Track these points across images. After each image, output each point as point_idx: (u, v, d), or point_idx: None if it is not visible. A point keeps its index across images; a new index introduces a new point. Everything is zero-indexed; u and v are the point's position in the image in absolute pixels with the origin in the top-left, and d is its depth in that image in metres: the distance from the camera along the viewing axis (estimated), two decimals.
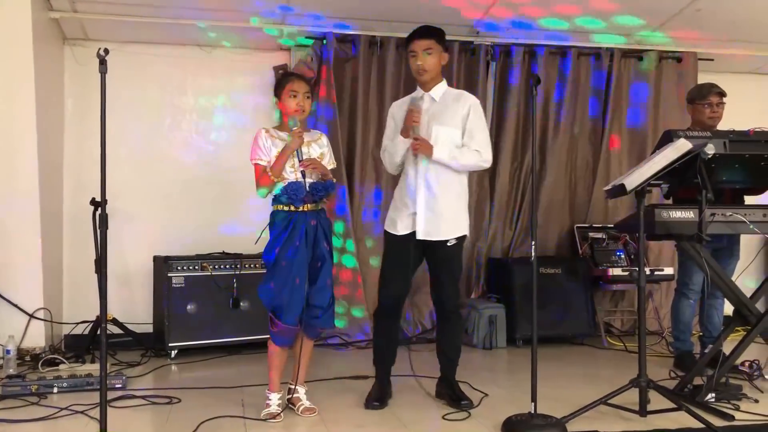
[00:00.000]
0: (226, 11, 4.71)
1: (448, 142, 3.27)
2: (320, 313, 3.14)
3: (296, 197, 3.06)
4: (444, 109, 3.33)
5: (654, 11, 4.91)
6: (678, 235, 3.38)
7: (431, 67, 3.28)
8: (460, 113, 3.31)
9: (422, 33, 3.30)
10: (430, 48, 3.27)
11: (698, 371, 3.53)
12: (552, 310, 4.99)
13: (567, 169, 5.61)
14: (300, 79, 3.20)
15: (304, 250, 3.07)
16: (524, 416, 2.91)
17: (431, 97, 3.34)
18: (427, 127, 3.29)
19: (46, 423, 3.07)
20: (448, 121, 3.30)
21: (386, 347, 3.45)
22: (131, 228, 4.99)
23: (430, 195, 3.27)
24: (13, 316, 4.34)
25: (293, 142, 3.06)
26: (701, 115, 4.11)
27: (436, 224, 3.27)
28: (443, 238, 3.29)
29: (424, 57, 3.26)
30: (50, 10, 4.66)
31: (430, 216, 3.27)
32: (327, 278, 3.16)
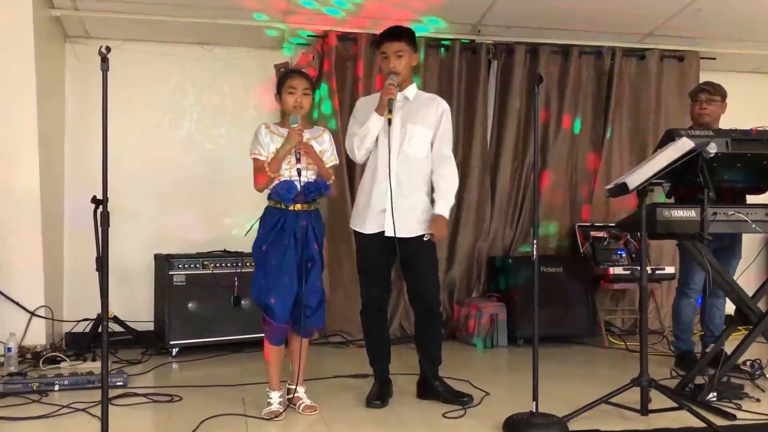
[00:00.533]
0: (227, 9, 4.71)
1: (421, 141, 3.29)
2: (310, 312, 3.13)
3: (287, 196, 3.05)
4: (418, 108, 3.34)
5: (655, 10, 4.91)
6: (680, 234, 3.37)
7: (403, 69, 3.28)
8: (434, 115, 3.34)
9: (393, 35, 3.31)
10: (401, 50, 3.28)
11: (700, 370, 3.53)
12: (553, 309, 4.99)
13: (568, 168, 5.61)
14: (299, 76, 3.20)
15: (293, 250, 3.07)
16: (525, 415, 2.90)
17: (404, 96, 3.35)
18: (401, 125, 3.29)
19: (47, 421, 3.07)
20: (422, 120, 3.31)
21: (377, 346, 3.44)
22: (132, 226, 4.99)
23: (401, 192, 3.26)
24: (14, 314, 4.34)
25: (291, 140, 3.06)
26: (692, 112, 4.16)
27: (408, 221, 3.26)
28: (417, 234, 3.27)
29: (396, 60, 3.27)
30: (51, 8, 4.66)
31: (400, 213, 3.23)
32: (317, 279, 3.15)
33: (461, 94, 5.37)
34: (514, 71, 5.43)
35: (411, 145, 3.29)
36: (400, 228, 3.23)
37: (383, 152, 3.28)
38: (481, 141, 5.41)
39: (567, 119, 5.54)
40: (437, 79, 5.34)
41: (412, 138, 3.28)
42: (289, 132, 3.08)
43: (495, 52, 5.45)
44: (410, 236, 3.27)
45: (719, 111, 4.13)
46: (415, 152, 3.30)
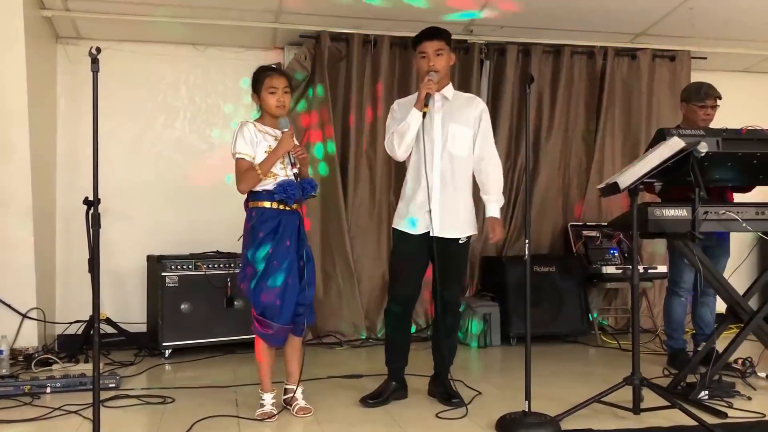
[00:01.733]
0: (219, 9, 4.70)
1: (462, 141, 3.31)
2: (305, 309, 3.14)
3: (293, 196, 3.05)
4: (458, 108, 3.35)
5: (647, 10, 4.92)
6: (671, 234, 3.39)
7: (442, 68, 3.29)
8: (473, 114, 3.35)
9: (432, 34, 3.32)
10: (440, 49, 3.29)
11: (691, 369, 3.55)
12: (546, 308, 5.01)
13: (560, 168, 5.62)
14: (279, 75, 3.15)
15: (294, 250, 3.08)
16: (518, 415, 2.91)
17: (443, 96, 3.36)
18: (441, 125, 3.31)
19: (39, 423, 3.06)
20: (462, 120, 3.33)
21: (397, 346, 3.45)
22: (124, 227, 4.98)
23: (447, 192, 3.29)
24: (5, 316, 4.32)
25: (287, 143, 3.05)
26: (694, 116, 4.11)
27: (451, 221, 3.29)
28: (457, 236, 3.30)
29: (435, 58, 3.28)
30: (42, 8, 4.64)
31: (446, 213, 3.28)
32: (311, 276, 3.18)
33: None
34: (507, 71, 5.44)
35: (454, 145, 3.30)
36: (444, 229, 3.27)
37: (428, 151, 3.28)
38: None
39: (559, 119, 5.55)
40: None
41: (454, 137, 3.30)
42: (283, 136, 3.07)
43: (487, 52, 5.46)
44: (452, 237, 3.30)
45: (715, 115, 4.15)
46: (458, 152, 3.31)
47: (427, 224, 3.27)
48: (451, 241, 3.31)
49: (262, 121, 3.18)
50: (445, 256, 3.33)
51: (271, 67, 3.18)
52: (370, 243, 5.22)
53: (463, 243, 3.35)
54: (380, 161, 5.21)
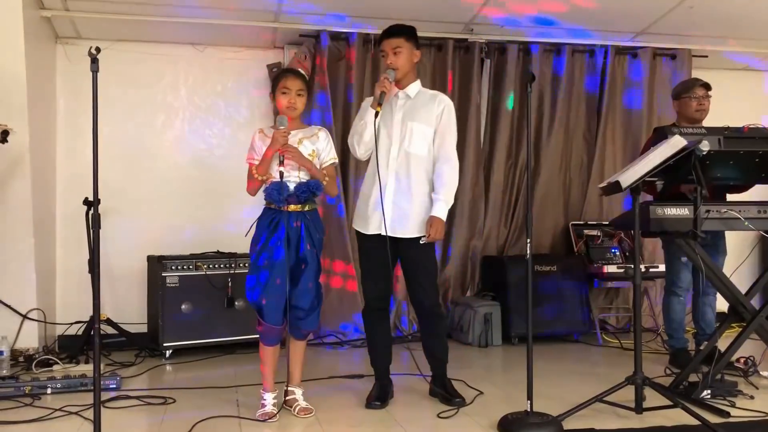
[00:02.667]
0: (219, 9, 4.69)
1: (421, 139, 3.28)
2: (303, 314, 3.11)
3: (278, 198, 3.03)
4: (419, 106, 3.33)
5: (646, 9, 4.91)
6: (673, 232, 3.38)
7: (401, 66, 3.28)
8: (435, 112, 3.32)
9: (391, 32, 3.32)
10: (399, 47, 3.28)
11: (693, 368, 3.54)
12: (547, 307, 5.00)
13: (561, 167, 5.61)
14: (294, 76, 3.18)
15: (284, 251, 3.05)
16: (520, 414, 2.91)
17: (406, 94, 3.35)
18: (401, 123, 3.30)
19: (39, 424, 3.05)
20: (422, 119, 3.30)
21: (378, 346, 3.44)
22: (125, 227, 4.97)
23: (400, 191, 3.26)
24: (6, 317, 4.31)
25: (275, 142, 3.04)
26: (688, 109, 4.11)
27: (404, 221, 3.26)
28: (413, 236, 3.26)
29: (393, 56, 3.27)
30: (42, 8, 4.63)
31: (399, 212, 3.25)
32: (309, 281, 3.11)
33: (454, 93, 5.37)
34: (507, 70, 5.43)
35: (411, 143, 3.27)
36: (397, 228, 3.24)
37: (383, 151, 3.28)
38: (475, 140, 5.41)
39: (560, 118, 5.54)
40: (430, 78, 5.33)
41: (412, 136, 3.27)
42: (273, 134, 3.06)
43: (488, 50, 5.45)
44: (408, 237, 3.27)
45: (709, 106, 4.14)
46: (416, 150, 3.28)
47: (380, 224, 3.24)
48: (409, 242, 3.27)
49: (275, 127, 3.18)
50: (409, 258, 3.30)
51: (290, 69, 3.19)
52: None
53: (426, 243, 3.28)
54: None
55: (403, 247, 3.28)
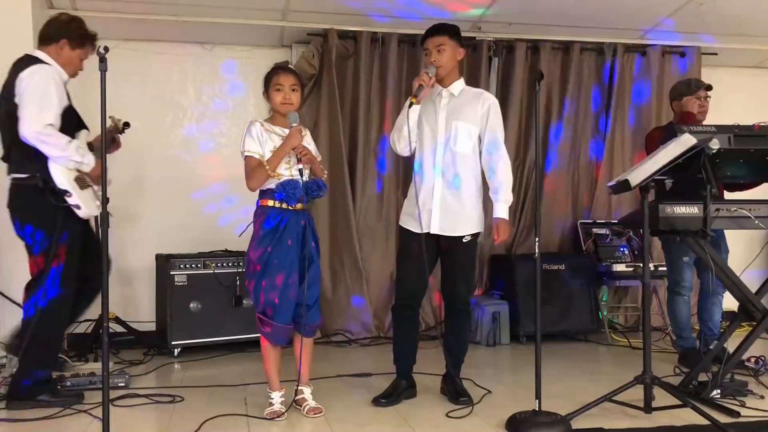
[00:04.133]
0: (227, 8, 4.70)
1: (466, 138, 3.28)
2: (308, 310, 3.12)
3: (293, 196, 3.03)
4: (463, 104, 3.33)
5: (656, 5, 4.89)
6: (682, 231, 3.36)
7: (445, 63, 3.28)
8: (480, 111, 3.32)
9: (435, 30, 3.32)
10: (442, 44, 3.28)
11: (703, 368, 3.52)
12: (555, 306, 4.98)
13: (570, 165, 5.59)
14: (286, 72, 3.15)
15: (295, 250, 3.06)
16: (528, 413, 2.89)
17: (450, 93, 3.35)
18: (446, 122, 3.29)
19: (49, 422, 3.06)
20: (467, 117, 3.30)
21: (404, 345, 3.44)
22: (133, 226, 4.98)
23: (448, 190, 3.27)
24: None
25: (294, 139, 3.04)
26: (688, 109, 4.09)
27: (451, 220, 3.27)
28: (458, 234, 3.28)
29: (437, 54, 3.27)
30: (50, 7, 4.64)
31: (446, 211, 3.27)
32: (315, 277, 3.16)
33: None
34: (515, 68, 5.41)
35: (457, 142, 3.28)
36: (446, 227, 3.27)
37: (429, 150, 3.28)
38: None
39: (568, 116, 5.52)
40: None
41: (458, 134, 3.28)
42: (290, 132, 3.06)
43: (496, 49, 5.43)
44: (455, 235, 3.28)
45: None
46: (461, 149, 3.29)
47: (428, 223, 3.26)
48: (454, 240, 3.29)
49: (272, 121, 3.18)
50: (450, 254, 3.32)
51: (280, 65, 3.18)
52: (379, 241, 5.21)
53: (468, 241, 3.32)
54: (388, 159, 5.19)
55: (447, 245, 3.30)
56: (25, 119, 3.17)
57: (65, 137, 3.29)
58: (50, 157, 3.22)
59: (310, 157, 3.10)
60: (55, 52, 3.40)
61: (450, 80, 3.34)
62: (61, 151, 3.24)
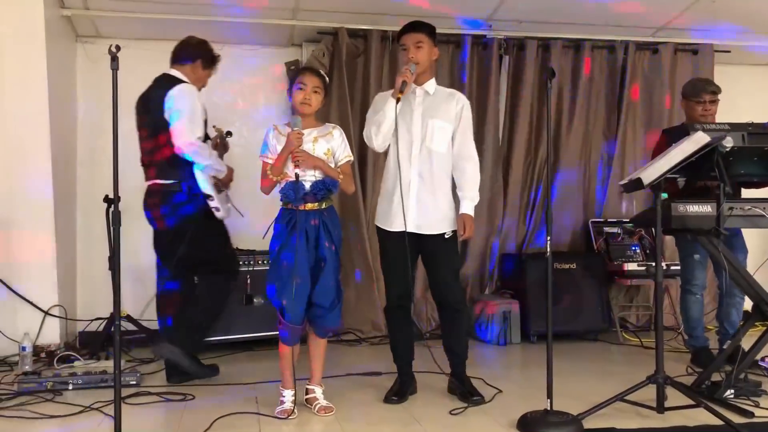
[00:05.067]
0: (237, 7, 4.71)
1: (442, 136, 3.29)
2: (324, 312, 3.10)
3: (294, 197, 3.03)
4: (438, 103, 3.34)
5: (669, 3, 4.85)
6: (695, 230, 3.33)
7: (422, 60, 3.28)
8: (454, 110, 3.33)
9: (413, 27, 3.33)
10: (420, 42, 3.28)
11: (716, 367, 3.49)
12: (566, 305, 4.95)
13: (581, 164, 5.56)
14: (311, 73, 3.17)
15: (303, 250, 3.04)
16: (540, 413, 2.88)
17: (425, 91, 3.35)
18: (422, 120, 3.29)
19: (61, 420, 3.08)
20: (443, 116, 3.31)
21: (400, 343, 3.44)
22: (144, 224, 4.96)
23: (424, 187, 3.27)
24: (28, 313, 4.36)
25: (289, 144, 3.03)
26: (693, 112, 4.07)
27: (428, 217, 3.27)
28: (436, 232, 3.28)
29: (415, 50, 3.27)
30: (62, 7, 4.68)
31: (423, 209, 3.26)
32: (330, 278, 3.10)
33: (473, 89, 5.34)
34: (526, 66, 5.39)
35: (433, 140, 3.28)
36: (422, 225, 3.26)
37: (404, 147, 3.27)
38: (493, 137, 5.38)
39: (579, 114, 5.50)
40: (448, 75, 5.31)
41: (434, 133, 3.28)
42: (288, 135, 3.05)
43: (506, 47, 5.41)
44: (433, 233, 3.27)
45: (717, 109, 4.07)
46: (437, 147, 3.29)
47: (405, 221, 3.24)
48: (434, 238, 3.28)
49: (289, 124, 3.18)
50: (433, 254, 3.32)
51: (310, 67, 3.20)
52: None
53: (449, 238, 3.31)
54: None
55: (427, 244, 3.29)
56: (180, 133, 3.58)
57: (209, 148, 3.77)
58: (200, 166, 3.63)
59: (306, 161, 3.04)
60: (190, 70, 3.82)
61: (424, 79, 3.34)
62: (208, 161, 3.67)
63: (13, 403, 3.31)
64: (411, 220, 3.24)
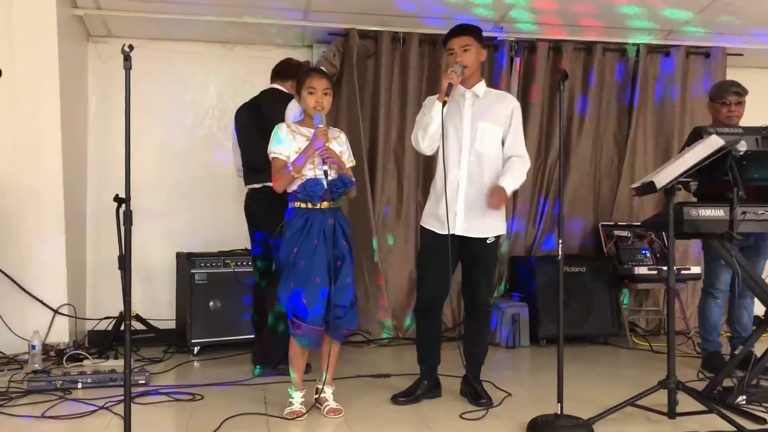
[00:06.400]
0: (248, 8, 4.71)
1: (492, 139, 3.28)
2: (343, 312, 3.08)
3: (314, 194, 3.01)
4: (488, 105, 3.32)
5: (682, 4, 4.83)
6: (708, 234, 3.31)
7: (470, 63, 3.26)
8: (504, 112, 3.32)
9: (459, 30, 3.31)
10: (468, 45, 3.27)
11: (728, 373, 3.46)
12: (576, 309, 4.93)
13: (591, 167, 5.54)
14: (320, 76, 3.16)
15: (323, 249, 3.03)
16: (550, 417, 2.86)
17: (474, 94, 3.34)
18: (471, 122, 3.28)
19: (70, 418, 3.08)
20: (493, 118, 3.29)
21: (428, 345, 3.43)
22: (154, 224, 5.01)
23: (473, 191, 3.26)
24: (38, 312, 4.37)
25: (318, 140, 3.03)
26: (719, 114, 4.04)
27: (476, 221, 3.26)
28: (483, 236, 3.27)
29: (462, 54, 3.25)
30: (74, 7, 4.69)
31: (471, 212, 3.25)
32: (347, 276, 3.10)
33: None
34: (537, 68, 5.37)
35: (482, 143, 3.27)
36: (470, 228, 3.26)
37: (453, 150, 3.26)
38: None
39: (590, 117, 5.47)
40: None
41: (483, 135, 3.27)
42: (315, 132, 3.04)
43: (517, 48, 5.39)
44: (478, 237, 3.27)
45: (743, 110, 4.05)
46: (486, 150, 3.27)
47: (453, 224, 3.24)
48: (477, 241, 3.28)
49: (301, 123, 3.18)
50: (473, 256, 3.31)
51: (314, 68, 3.19)
52: (398, 241, 5.19)
53: (491, 243, 3.31)
54: (408, 159, 5.18)
55: (470, 246, 3.28)
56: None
57: None
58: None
59: (334, 159, 3.06)
60: (290, 86, 4.04)
61: (473, 81, 3.33)
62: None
63: (24, 401, 3.32)
64: (459, 224, 3.24)
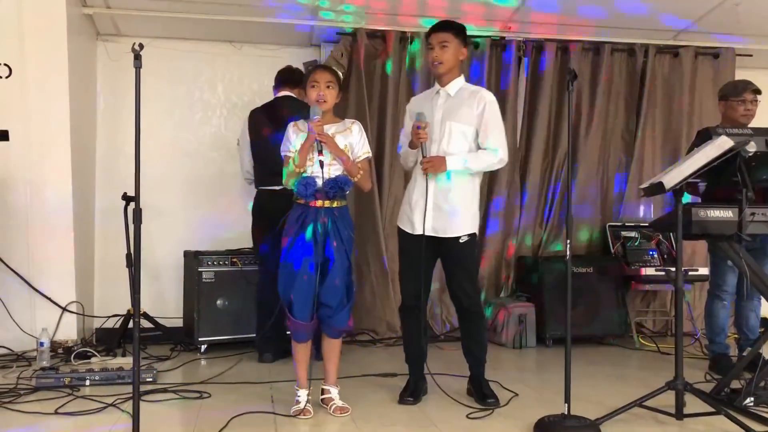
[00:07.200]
0: (256, 7, 4.72)
1: (461, 139, 3.27)
2: (331, 312, 3.09)
3: (305, 192, 3.04)
4: (459, 104, 3.32)
5: (692, 6, 4.81)
6: (716, 235, 3.30)
7: (446, 60, 3.27)
8: (475, 110, 3.30)
9: (440, 26, 3.31)
10: (446, 41, 3.26)
11: (736, 374, 3.45)
12: (583, 309, 4.91)
13: (599, 167, 5.53)
14: (322, 70, 3.18)
15: (312, 247, 3.04)
16: (557, 417, 2.86)
17: (447, 93, 3.34)
18: (441, 123, 3.28)
19: (78, 415, 3.09)
20: (462, 118, 3.29)
21: (412, 343, 3.44)
22: (162, 223, 5.02)
23: (440, 190, 3.26)
24: (46, 309, 4.40)
25: (310, 133, 3.03)
26: (734, 113, 4.03)
27: (444, 221, 3.25)
28: (453, 235, 3.26)
29: (440, 50, 3.26)
30: (84, 5, 4.71)
31: (439, 212, 3.25)
32: (336, 277, 3.08)
33: (491, 91, 5.27)
34: (545, 69, 5.36)
35: (449, 143, 3.27)
36: (439, 229, 3.25)
37: (425, 150, 3.26)
38: (511, 139, 5.34)
39: (598, 117, 5.46)
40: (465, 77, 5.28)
41: (451, 136, 3.27)
42: (310, 126, 3.05)
43: (525, 49, 5.39)
44: (449, 236, 3.26)
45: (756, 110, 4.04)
46: (454, 150, 3.27)
47: (421, 223, 3.25)
48: (451, 241, 3.27)
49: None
50: (449, 257, 3.31)
51: (317, 63, 3.20)
52: None
53: (465, 242, 3.28)
54: None
55: (445, 247, 3.29)
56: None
57: None
58: None
59: (331, 147, 3.05)
60: (298, 93, 4.33)
61: (449, 79, 3.33)
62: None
63: (32, 398, 3.34)
64: (428, 223, 3.25)
